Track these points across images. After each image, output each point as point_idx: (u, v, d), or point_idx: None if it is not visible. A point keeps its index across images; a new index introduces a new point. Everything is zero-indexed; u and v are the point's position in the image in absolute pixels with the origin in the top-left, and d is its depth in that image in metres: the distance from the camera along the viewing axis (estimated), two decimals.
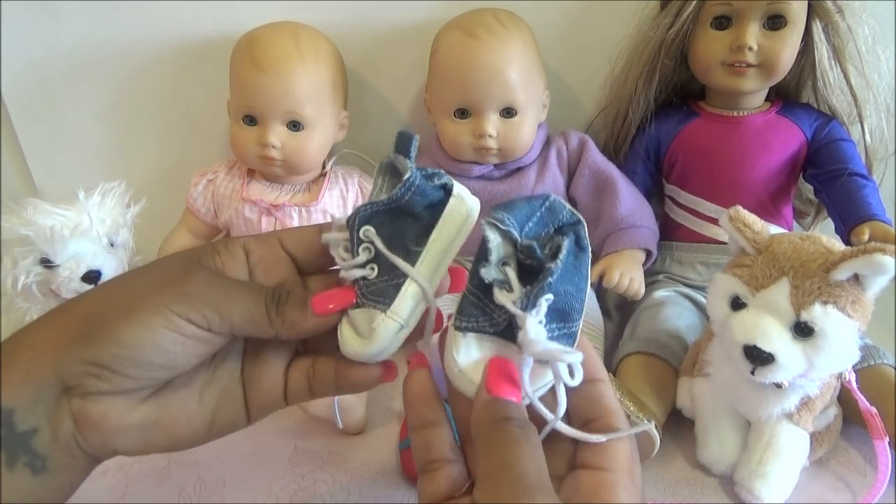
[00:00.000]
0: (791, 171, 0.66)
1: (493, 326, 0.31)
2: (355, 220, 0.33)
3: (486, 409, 0.29)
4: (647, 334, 0.60)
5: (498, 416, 0.28)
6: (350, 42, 0.69)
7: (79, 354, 0.29)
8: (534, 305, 0.29)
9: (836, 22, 0.61)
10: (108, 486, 0.52)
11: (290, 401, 0.36)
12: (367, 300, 0.32)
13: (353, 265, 0.33)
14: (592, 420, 0.31)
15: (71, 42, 0.69)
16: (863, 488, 0.51)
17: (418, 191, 0.32)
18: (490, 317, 0.31)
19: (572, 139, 0.69)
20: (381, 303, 0.32)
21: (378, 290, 0.32)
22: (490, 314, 0.31)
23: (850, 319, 0.45)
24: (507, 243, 0.31)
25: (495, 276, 0.30)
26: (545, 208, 0.31)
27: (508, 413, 0.29)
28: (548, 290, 0.29)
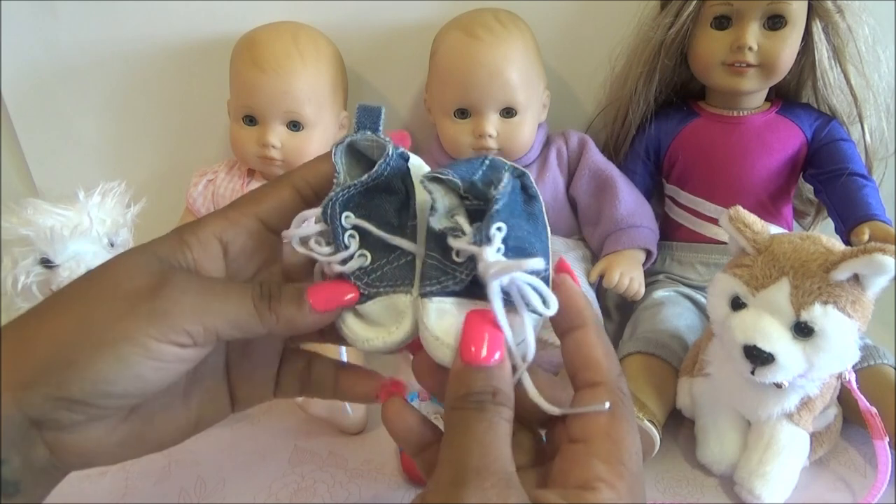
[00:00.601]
0: (791, 171, 0.66)
1: (457, 284, 0.29)
2: (333, 209, 0.30)
3: (452, 385, 0.27)
4: (647, 334, 0.60)
5: (459, 393, 0.26)
6: (350, 42, 0.69)
7: (44, 391, 0.25)
8: (488, 237, 0.27)
9: (836, 22, 0.61)
10: (108, 486, 0.52)
11: (278, 396, 0.35)
12: (378, 287, 0.30)
13: (343, 257, 0.30)
14: (574, 375, 0.29)
15: (71, 42, 0.69)
16: (863, 488, 0.51)
17: (395, 164, 0.30)
18: (452, 275, 0.29)
19: (572, 139, 0.69)
20: (401, 285, 0.30)
21: (387, 274, 0.31)
22: (452, 272, 0.29)
23: (850, 319, 0.45)
24: (451, 195, 0.30)
25: (445, 225, 0.29)
26: (486, 165, 0.30)
27: (472, 387, 0.26)
28: (496, 219, 0.27)
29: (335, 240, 0.30)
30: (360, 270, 0.30)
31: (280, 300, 0.29)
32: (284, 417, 0.58)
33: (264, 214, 0.31)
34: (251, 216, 0.31)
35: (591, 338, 0.28)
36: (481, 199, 0.29)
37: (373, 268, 0.31)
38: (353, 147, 0.32)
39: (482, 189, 0.29)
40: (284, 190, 0.31)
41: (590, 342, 0.28)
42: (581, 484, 0.25)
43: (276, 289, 0.29)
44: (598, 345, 0.28)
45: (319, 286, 0.30)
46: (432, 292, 0.29)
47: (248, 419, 0.59)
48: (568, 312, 0.29)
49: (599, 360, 0.28)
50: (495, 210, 0.27)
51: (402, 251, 0.31)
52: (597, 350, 0.28)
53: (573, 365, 0.29)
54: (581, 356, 0.28)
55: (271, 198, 0.31)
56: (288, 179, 0.32)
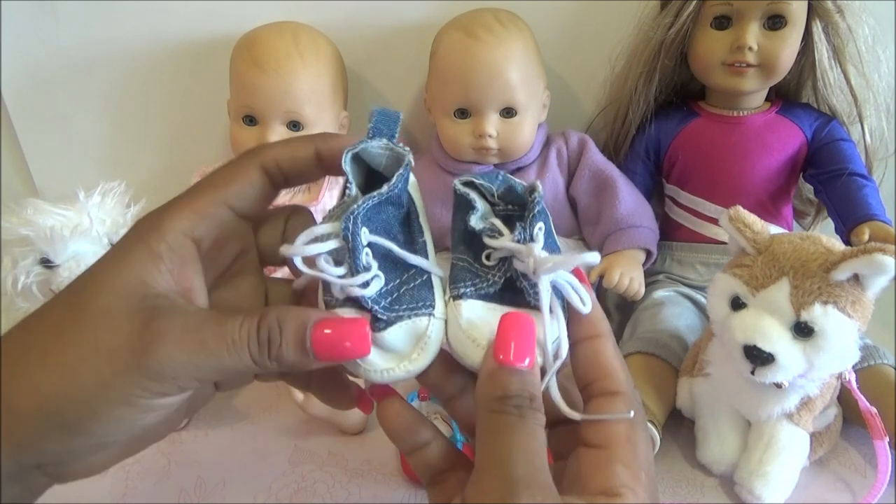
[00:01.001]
0: (791, 171, 0.66)
1: (490, 286, 0.29)
2: (355, 224, 0.27)
3: (487, 385, 0.26)
4: (647, 334, 0.60)
5: (496, 395, 0.25)
6: (350, 42, 0.69)
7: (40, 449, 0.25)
8: (531, 236, 0.28)
9: (836, 22, 0.61)
10: (108, 486, 0.52)
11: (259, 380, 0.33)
12: (398, 311, 0.28)
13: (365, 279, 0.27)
14: (590, 383, 0.29)
15: (71, 42, 0.69)
16: (863, 488, 0.51)
17: (407, 176, 0.29)
18: (485, 277, 0.29)
19: (572, 139, 0.69)
20: (422, 307, 0.28)
21: (405, 296, 0.28)
22: (484, 275, 0.29)
23: (850, 319, 0.45)
24: (482, 201, 0.30)
25: (484, 226, 0.29)
26: (501, 178, 0.31)
27: (508, 389, 0.25)
28: (539, 219, 0.28)
29: (353, 259, 0.27)
30: (377, 294, 0.28)
31: (281, 346, 0.26)
32: (284, 417, 0.58)
33: (234, 200, 0.28)
34: (220, 204, 0.28)
35: (608, 348, 0.29)
36: (515, 203, 0.29)
37: (388, 290, 0.28)
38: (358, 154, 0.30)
39: (521, 194, 0.29)
40: (252, 172, 0.28)
41: (608, 352, 0.29)
42: (605, 490, 0.26)
43: (275, 332, 0.26)
44: (615, 356, 0.29)
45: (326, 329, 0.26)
46: (466, 294, 0.29)
47: (248, 419, 0.59)
48: (586, 321, 0.29)
49: (618, 371, 0.28)
50: (537, 211, 0.28)
51: (417, 270, 0.29)
52: (615, 361, 0.29)
53: (588, 373, 0.29)
54: (598, 365, 0.29)
55: (239, 181, 0.28)
56: (255, 158, 0.29)
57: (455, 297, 0.29)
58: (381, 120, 0.29)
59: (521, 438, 0.25)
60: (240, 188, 0.28)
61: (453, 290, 0.29)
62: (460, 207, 0.30)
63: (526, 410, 0.25)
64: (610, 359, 0.29)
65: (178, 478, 0.53)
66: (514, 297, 0.29)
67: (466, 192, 0.30)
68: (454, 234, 0.30)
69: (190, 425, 0.58)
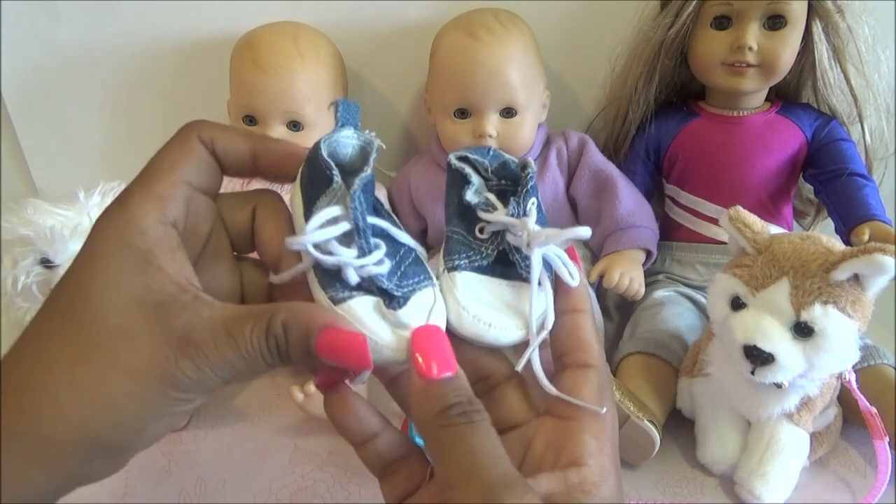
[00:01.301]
0: (791, 171, 0.66)
1: (483, 259, 0.30)
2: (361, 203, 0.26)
3: (423, 404, 0.26)
4: (647, 334, 0.60)
5: (436, 410, 0.25)
6: (350, 42, 0.69)
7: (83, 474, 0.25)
8: (524, 211, 0.29)
9: (836, 22, 0.61)
10: (108, 486, 0.52)
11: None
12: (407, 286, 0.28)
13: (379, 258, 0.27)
14: (564, 354, 0.29)
15: (71, 42, 0.69)
16: (863, 488, 0.51)
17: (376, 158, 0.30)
18: (478, 250, 0.30)
19: (572, 139, 0.69)
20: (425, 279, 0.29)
21: (408, 272, 0.29)
22: (478, 248, 0.30)
23: (850, 319, 0.45)
24: (476, 175, 0.31)
25: (479, 200, 0.30)
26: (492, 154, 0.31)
27: (446, 400, 0.25)
28: (532, 194, 0.29)
29: (365, 239, 0.26)
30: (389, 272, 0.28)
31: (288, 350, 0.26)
32: (284, 417, 0.58)
33: (191, 177, 0.27)
34: (180, 184, 0.27)
35: (587, 323, 0.30)
36: (508, 178, 0.30)
37: (392, 268, 0.28)
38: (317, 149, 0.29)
39: (513, 169, 0.30)
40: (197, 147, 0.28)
41: (586, 327, 0.30)
42: (573, 461, 0.26)
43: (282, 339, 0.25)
44: (593, 332, 0.30)
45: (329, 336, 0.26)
46: (461, 266, 0.30)
47: (248, 419, 0.59)
48: (572, 295, 0.30)
49: (592, 345, 0.29)
50: (530, 186, 0.29)
51: (406, 248, 0.30)
52: (591, 335, 0.30)
53: (565, 345, 0.30)
54: (575, 338, 0.29)
55: (189, 158, 0.28)
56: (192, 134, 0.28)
57: (450, 268, 0.30)
58: (346, 110, 0.30)
59: (480, 442, 0.25)
60: (192, 166, 0.28)
61: (448, 262, 0.30)
62: (454, 182, 0.31)
63: (471, 414, 0.25)
64: (587, 333, 0.29)
65: (178, 478, 0.53)
66: (505, 269, 0.30)
67: (462, 167, 0.30)
68: (448, 209, 0.31)
69: (190, 425, 0.58)
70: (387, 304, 0.27)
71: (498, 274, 0.30)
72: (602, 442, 0.27)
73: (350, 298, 0.27)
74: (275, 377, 0.63)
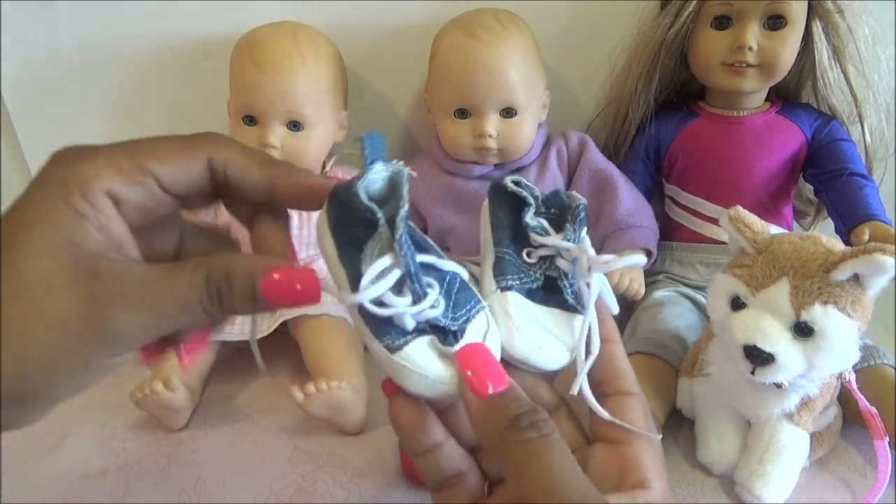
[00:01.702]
0: (791, 171, 0.66)
1: (533, 282, 0.31)
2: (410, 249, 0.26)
3: (487, 420, 0.25)
4: (647, 334, 0.60)
5: (502, 423, 0.25)
6: (350, 42, 0.69)
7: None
8: (580, 238, 0.30)
9: (836, 22, 0.61)
10: (108, 486, 0.52)
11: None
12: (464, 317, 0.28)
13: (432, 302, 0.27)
14: (603, 382, 0.31)
15: (71, 42, 0.69)
16: (863, 488, 0.51)
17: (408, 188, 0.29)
18: (527, 273, 0.31)
19: (572, 139, 0.69)
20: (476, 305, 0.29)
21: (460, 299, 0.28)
22: (527, 271, 0.31)
23: (850, 319, 0.45)
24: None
25: (536, 223, 0.31)
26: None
27: (511, 411, 0.25)
28: (584, 224, 0.30)
29: (419, 284, 0.26)
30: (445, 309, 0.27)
31: (231, 296, 0.25)
32: (284, 417, 0.58)
33: (164, 178, 0.26)
34: (147, 174, 0.25)
35: (621, 352, 0.31)
36: (557, 207, 0.31)
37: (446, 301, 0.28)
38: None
39: (563, 199, 0.31)
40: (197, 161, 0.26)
41: (620, 356, 0.31)
42: (637, 483, 0.28)
43: (224, 285, 0.25)
44: (626, 360, 0.31)
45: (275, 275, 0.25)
46: (513, 286, 0.31)
47: (248, 419, 0.59)
48: (604, 325, 0.31)
49: (630, 373, 0.31)
50: (583, 216, 0.30)
51: (451, 274, 0.29)
52: (626, 363, 0.31)
53: (602, 374, 0.31)
54: (613, 367, 0.31)
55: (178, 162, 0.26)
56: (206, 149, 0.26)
57: (503, 288, 0.31)
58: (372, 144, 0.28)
59: (558, 460, 0.24)
60: (174, 171, 0.26)
61: (500, 282, 0.31)
62: (505, 204, 0.32)
63: (541, 425, 0.25)
64: (623, 361, 0.31)
65: (178, 478, 0.53)
66: (549, 296, 0.31)
67: (520, 191, 0.31)
68: (497, 231, 0.32)
69: (190, 425, 0.58)
70: (443, 341, 0.27)
71: (542, 300, 0.31)
72: (660, 466, 0.29)
73: (406, 345, 0.26)
74: (275, 377, 0.63)
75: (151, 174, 0.25)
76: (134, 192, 0.25)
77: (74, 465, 0.54)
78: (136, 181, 0.25)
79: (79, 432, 0.57)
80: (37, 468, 0.53)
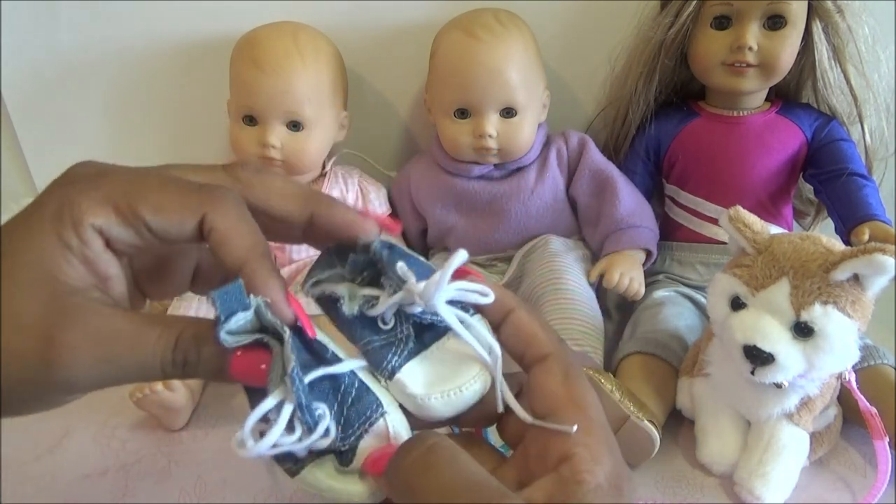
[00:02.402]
0: (791, 171, 0.66)
1: (408, 342, 0.28)
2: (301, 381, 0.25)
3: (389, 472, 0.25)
4: (647, 334, 0.60)
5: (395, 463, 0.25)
6: (350, 42, 0.69)
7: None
8: (399, 278, 0.27)
9: (836, 22, 0.61)
10: (108, 486, 0.52)
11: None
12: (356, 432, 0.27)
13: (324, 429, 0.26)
14: (521, 356, 0.29)
15: (71, 42, 0.69)
16: (863, 488, 0.51)
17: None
18: (397, 340, 0.28)
19: (572, 139, 0.69)
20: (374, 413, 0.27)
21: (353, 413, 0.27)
22: (394, 338, 0.28)
23: (850, 319, 0.45)
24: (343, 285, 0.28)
25: (359, 305, 0.28)
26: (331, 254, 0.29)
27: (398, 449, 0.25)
28: (395, 258, 0.27)
29: (309, 415, 0.25)
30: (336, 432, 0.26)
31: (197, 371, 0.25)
32: None
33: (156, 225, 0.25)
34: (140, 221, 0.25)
35: (524, 316, 0.29)
36: (364, 266, 0.28)
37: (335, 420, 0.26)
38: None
39: (364, 259, 0.28)
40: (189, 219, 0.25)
41: (525, 320, 0.29)
42: (562, 456, 0.25)
43: (193, 357, 0.24)
44: (533, 320, 0.29)
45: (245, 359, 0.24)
46: (395, 365, 0.28)
47: None
48: (494, 304, 0.29)
49: (539, 334, 0.28)
50: (385, 255, 0.27)
51: (347, 379, 0.27)
52: (533, 325, 0.29)
53: (517, 347, 0.29)
54: (522, 336, 0.28)
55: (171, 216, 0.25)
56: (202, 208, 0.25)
57: (389, 375, 0.28)
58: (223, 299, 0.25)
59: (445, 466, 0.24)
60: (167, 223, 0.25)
61: (383, 372, 0.28)
62: (330, 310, 0.29)
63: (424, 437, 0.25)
64: (528, 324, 0.28)
65: (178, 478, 0.53)
66: (430, 335, 0.28)
67: (321, 293, 0.28)
68: (347, 331, 0.29)
69: (190, 425, 0.58)
70: (339, 460, 0.26)
71: (428, 343, 0.29)
72: (589, 427, 0.26)
73: (303, 468, 0.26)
74: None
75: (143, 221, 0.25)
76: (125, 233, 0.25)
77: (74, 465, 0.54)
78: (128, 223, 0.25)
79: (79, 432, 0.57)
80: (37, 468, 0.53)
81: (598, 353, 0.58)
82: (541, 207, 0.68)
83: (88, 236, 0.24)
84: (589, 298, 0.62)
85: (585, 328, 0.58)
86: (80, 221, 0.24)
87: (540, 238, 0.68)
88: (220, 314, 0.24)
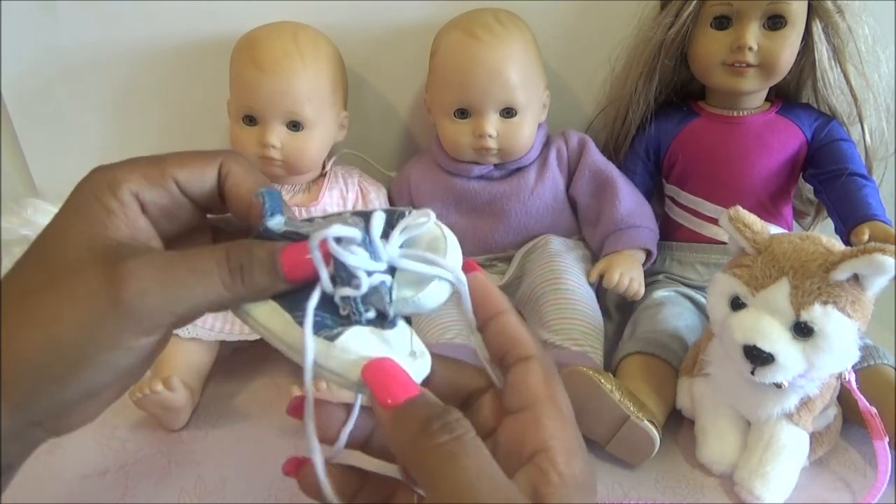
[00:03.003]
0: (791, 171, 0.66)
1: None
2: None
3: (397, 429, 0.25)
4: (647, 334, 0.60)
5: (415, 429, 0.24)
6: (350, 42, 0.69)
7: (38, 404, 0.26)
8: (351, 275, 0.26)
9: (836, 22, 0.62)
10: (108, 486, 0.52)
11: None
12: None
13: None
14: (504, 354, 0.30)
15: (71, 42, 0.69)
16: (863, 488, 0.51)
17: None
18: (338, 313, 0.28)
19: (572, 139, 0.69)
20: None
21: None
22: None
23: (850, 319, 0.45)
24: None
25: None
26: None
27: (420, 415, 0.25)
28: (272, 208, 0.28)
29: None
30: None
31: (252, 272, 0.27)
32: (284, 417, 0.58)
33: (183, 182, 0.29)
34: (169, 179, 0.29)
35: (513, 319, 0.30)
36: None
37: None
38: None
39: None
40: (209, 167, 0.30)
41: (513, 323, 0.30)
42: (537, 447, 0.26)
43: (247, 259, 0.26)
44: (520, 325, 0.30)
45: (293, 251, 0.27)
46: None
47: (248, 419, 0.59)
48: (487, 303, 0.30)
49: (525, 337, 0.30)
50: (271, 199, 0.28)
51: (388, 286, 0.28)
52: (520, 329, 0.30)
53: (501, 346, 0.30)
54: (508, 336, 0.30)
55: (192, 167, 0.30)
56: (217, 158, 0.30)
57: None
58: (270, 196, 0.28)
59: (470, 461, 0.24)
60: (191, 174, 0.29)
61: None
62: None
63: (454, 426, 0.24)
64: (516, 329, 0.30)
65: (178, 478, 0.53)
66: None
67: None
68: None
69: (190, 425, 0.58)
70: (383, 324, 0.27)
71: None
72: (562, 422, 0.27)
73: (342, 333, 0.27)
74: (274, 377, 0.63)
75: (171, 176, 0.29)
76: (157, 194, 0.28)
77: (74, 465, 0.54)
78: (159, 184, 0.28)
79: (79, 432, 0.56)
80: (37, 468, 0.53)
81: (598, 353, 0.58)
82: (541, 207, 0.68)
83: (127, 199, 0.27)
84: (589, 298, 0.62)
85: (585, 328, 0.58)
86: (117, 186, 0.27)
87: (540, 238, 0.68)
88: (266, 209, 0.28)
